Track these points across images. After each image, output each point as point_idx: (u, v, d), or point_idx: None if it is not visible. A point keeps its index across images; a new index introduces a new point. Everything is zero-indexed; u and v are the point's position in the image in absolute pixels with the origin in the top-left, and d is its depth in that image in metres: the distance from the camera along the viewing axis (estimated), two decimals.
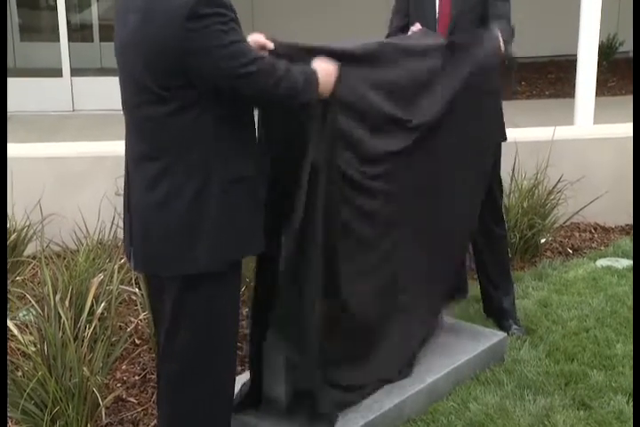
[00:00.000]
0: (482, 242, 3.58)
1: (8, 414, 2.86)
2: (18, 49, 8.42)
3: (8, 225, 4.36)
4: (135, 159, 2.38)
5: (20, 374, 2.85)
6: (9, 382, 2.82)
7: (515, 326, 3.54)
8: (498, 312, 3.63)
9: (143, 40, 2.28)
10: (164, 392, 2.57)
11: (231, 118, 2.35)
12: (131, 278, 3.71)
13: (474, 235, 3.47)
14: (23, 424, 2.81)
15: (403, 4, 3.53)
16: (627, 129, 4.81)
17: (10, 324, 3.07)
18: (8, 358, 2.99)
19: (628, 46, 8.86)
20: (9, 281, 3.91)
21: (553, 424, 2.82)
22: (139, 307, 3.63)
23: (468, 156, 3.04)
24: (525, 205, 4.17)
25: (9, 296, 3.55)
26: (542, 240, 4.31)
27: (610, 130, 4.97)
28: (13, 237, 4.29)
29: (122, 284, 3.54)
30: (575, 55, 5.38)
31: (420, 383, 2.93)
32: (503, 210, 3.73)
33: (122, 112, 2.44)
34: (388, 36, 3.44)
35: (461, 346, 3.26)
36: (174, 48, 2.21)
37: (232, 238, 2.40)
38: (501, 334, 3.38)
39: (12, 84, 6.59)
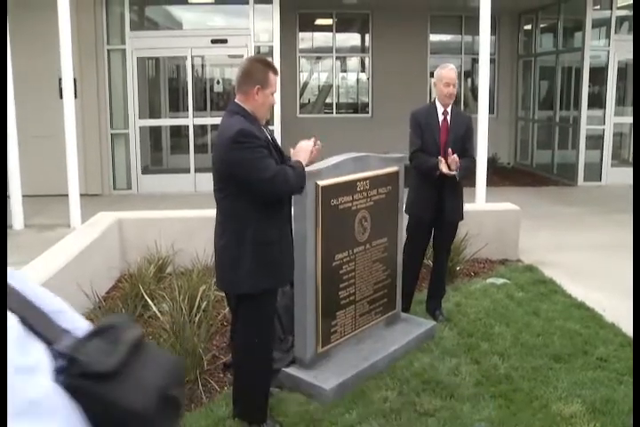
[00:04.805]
0: (436, 267, 4.35)
1: None
2: (168, 159, 10.76)
3: (157, 257, 4.90)
4: (216, 221, 2.87)
5: (161, 340, 3.40)
6: (156, 342, 3.28)
7: (441, 317, 4.22)
8: (432, 309, 4.33)
9: (216, 153, 2.74)
10: (234, 355, 3.12)
11: (256, 203, 2.66)
12: None
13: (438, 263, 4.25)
14: None
15: (417, 137, 4.17)
16: (504, 206, 6.06)
17: (156, 310, 3.71)
18: (154, 331, 3.55)
19: (503, 160, 11.92)
20: (156, 287, 4.39)
21: (460, 373, 3.49)
22: (225, 304, 3.86)
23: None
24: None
25: (156, 296, 4.07)
26: (458, 268, 5.25)
27: (494, 207, 6.23)
28: (160, 262, 4.90)
29: (216, 291, 4.03)
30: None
31: (386, 351, 3.63)
32: None
33: None
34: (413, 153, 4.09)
35: (410, 329, 3.94)
36: (225, 160, 2.65)
37: (263, 277, 2.72)
38: (433, 323, 4.11)
39: (165, 178, 9.73)
